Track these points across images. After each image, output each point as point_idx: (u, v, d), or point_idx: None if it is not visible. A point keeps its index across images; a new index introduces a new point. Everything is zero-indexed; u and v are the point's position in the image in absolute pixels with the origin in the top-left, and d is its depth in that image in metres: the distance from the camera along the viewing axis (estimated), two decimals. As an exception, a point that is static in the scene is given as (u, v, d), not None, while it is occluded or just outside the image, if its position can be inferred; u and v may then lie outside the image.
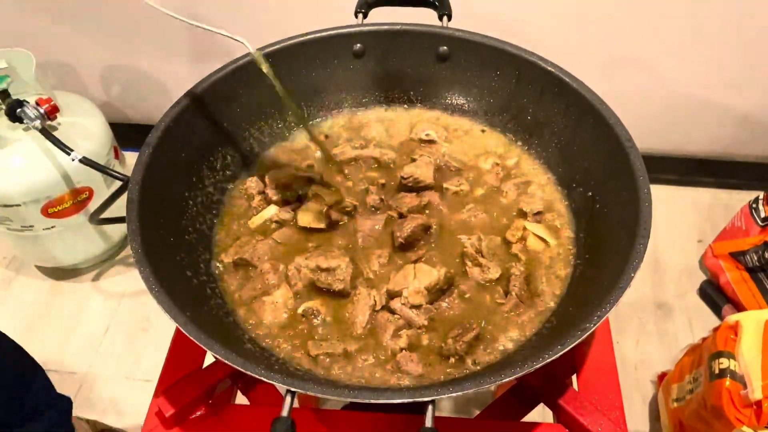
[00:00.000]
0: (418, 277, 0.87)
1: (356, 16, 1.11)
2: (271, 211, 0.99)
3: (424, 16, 1.11)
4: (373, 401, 0.65)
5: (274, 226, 0.99)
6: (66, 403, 1.39)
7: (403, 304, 0.86)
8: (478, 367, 0.80)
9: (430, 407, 0.64)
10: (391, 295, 0.88)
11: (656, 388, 1.73)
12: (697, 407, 1.41)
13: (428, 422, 0.63)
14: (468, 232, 0.96)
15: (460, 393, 0.64)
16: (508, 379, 0.66)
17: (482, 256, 0.91)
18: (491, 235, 0.95)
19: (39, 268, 2.11)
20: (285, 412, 0.64)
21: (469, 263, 0.92)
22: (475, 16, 1.33)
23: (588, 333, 0.68)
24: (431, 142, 1.08)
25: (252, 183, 1.02)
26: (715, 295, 1.93)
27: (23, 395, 1.27)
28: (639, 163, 0.84)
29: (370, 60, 1.10)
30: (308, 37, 1.05)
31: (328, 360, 0.82)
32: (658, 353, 1.83)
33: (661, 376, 1.72)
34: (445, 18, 1.10)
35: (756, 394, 1.26)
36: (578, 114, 0.96)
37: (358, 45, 1.08)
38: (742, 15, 1.75)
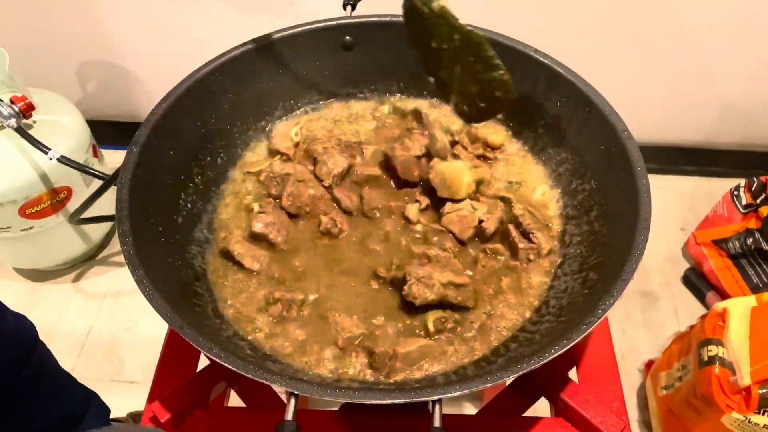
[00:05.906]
0: None
1: (344, 8, 1.09)
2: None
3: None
4: (378, 402, 0.64)
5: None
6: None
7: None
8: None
9: (437, 407, 0.63)
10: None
11: (644, 377, 1.75)
12: (687, 395, 1.43)
13: (436, 422, 0.62)
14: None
15: (466, 391, 0.63)
16: (514, 376, 0.65)
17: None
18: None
19: (17, 270, 2.05)
20: (290, 416, 0.62)
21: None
22: (464, 7, 1.31)
23: (593, 326, 0.68)
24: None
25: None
26: (699, 283, 1.95)
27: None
28: (636, 153, 0.84)
29: (359, 52, 1.07)
30: (296, 30, 1.03)
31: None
32: (645, 342, 1.85)
33: (649, 365, 1.73)
34: (435, 9, 1.08)
35: (745, 380, 1.27)
36: (572, 106, 0.95)
37: (348, 37, 1.06)
38: (722, 3, 1.76)
